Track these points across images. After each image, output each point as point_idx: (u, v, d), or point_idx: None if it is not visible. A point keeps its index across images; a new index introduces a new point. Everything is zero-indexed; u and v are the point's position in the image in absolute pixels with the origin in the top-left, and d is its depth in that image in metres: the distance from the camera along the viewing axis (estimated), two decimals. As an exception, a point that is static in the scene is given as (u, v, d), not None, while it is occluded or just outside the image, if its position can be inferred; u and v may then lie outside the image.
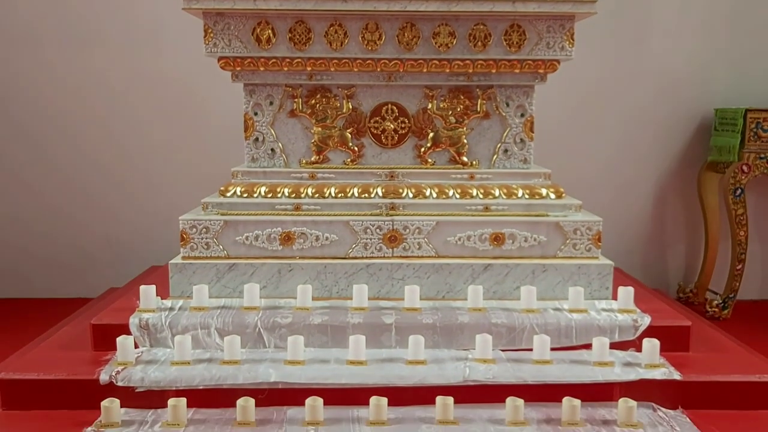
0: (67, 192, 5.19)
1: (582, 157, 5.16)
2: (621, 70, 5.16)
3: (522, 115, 3.69)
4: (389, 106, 3.68)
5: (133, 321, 3.16)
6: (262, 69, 3.56)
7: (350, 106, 3.66)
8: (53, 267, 5.26)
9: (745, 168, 4.74)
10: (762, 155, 4.74)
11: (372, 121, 3.69)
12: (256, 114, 3.69)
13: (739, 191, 4.78)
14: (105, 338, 3.12)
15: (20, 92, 5.09)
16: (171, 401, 2.74)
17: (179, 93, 5.06)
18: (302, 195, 3.55)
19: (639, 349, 3.11)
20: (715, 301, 4.91)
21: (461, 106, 3.66)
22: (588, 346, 3.12)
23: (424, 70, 3.55)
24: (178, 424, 2.72)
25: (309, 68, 3.56)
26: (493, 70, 3.56)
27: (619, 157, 5.26)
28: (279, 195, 3.56)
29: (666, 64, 5.16)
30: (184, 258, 3.45)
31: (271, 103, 3.68)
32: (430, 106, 3.66)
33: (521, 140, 3.72)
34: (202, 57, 3.58)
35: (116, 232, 5.26)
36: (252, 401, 2.76)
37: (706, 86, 5.18)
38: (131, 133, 5.14)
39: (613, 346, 3.13)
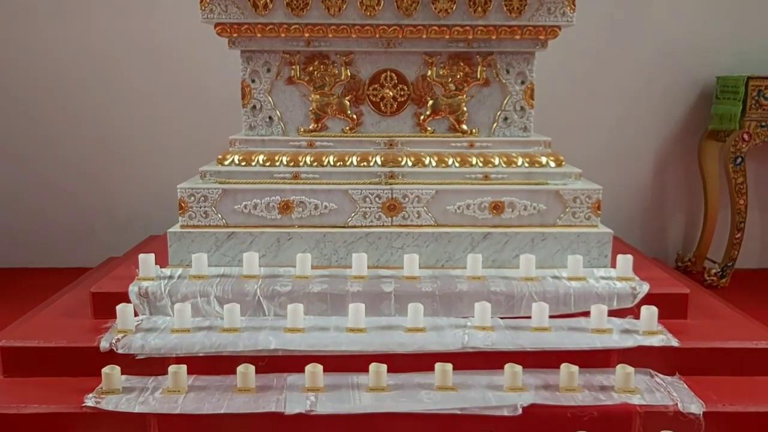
0: (64, 162, 5.17)
1: (582, 126, 5.13)
2: (622, 38, 5.11)
3: (522, 83, 3.66)
4: (388, 73, 3.64)
5: (133, 289, 3.16)
6: (259, 35, 3.51)
7: (349, 73, 3.62)
8: (52, 237, 5.26)
9: (745, 136, 4.72)
10: (763, 123, 4.71)
11: (371, 88, 3.65)
12: (253, 81, 3.65)
13: (739, 160, 4.76)
14: (105, 306, 3.12)
15: (14, 64, 5.04)
16: (171, 368, 2.75)
17: (176, 61, 5.01)
18: (301, 163, 3.53)
19: (637, 316, 3.12)
20: (714, 270, 4.92)
21: (461, 73, 3.62)
22: (586, 314, 3.13)
23: (424, 37, 3.50)
24: (179, 390, 2.74)
25: (307, 34, 3.51)
26: (494, 37, 3.52)
27: (619, 125, 5.22)
28: (277, 163, 3.53)
29: (667, 31, 5.11)
30: (182, 227, 3.44)
31: (269, 70, 3.64)
32: (429, 73, 3.62)
33: (521, 108, 3.69)
34: (199, 24, 3.53)
35: (115, 201, 5.25)
36: (252, 368, 2.77)
37: (707, 54, 5.13)
38: (127, 103, 5.10)
39: (612, 313, 3.14)
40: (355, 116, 3.67)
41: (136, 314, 3.11)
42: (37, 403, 2.66)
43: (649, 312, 3.02)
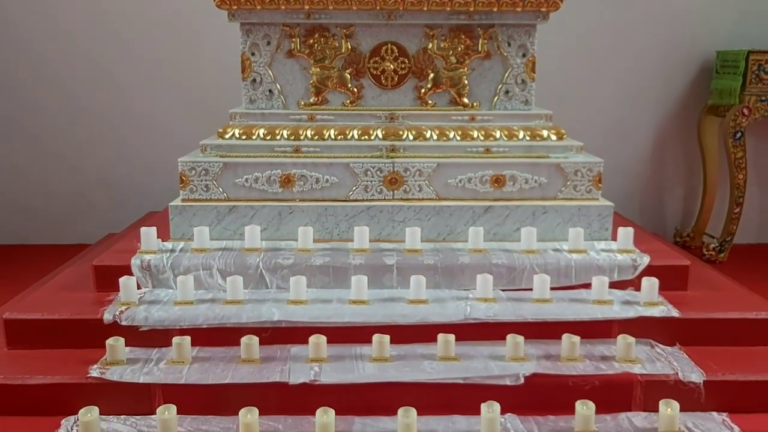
0: (63, 137, 5.14)
1: (582, 101, 5.12)
2: (622, 12, 5.08)
3: (524, 55, 3.64)
4: (389, 45, 3.62)
5: (135, 262, 3.16)
6: (258, 7, 3.48)
7: (349, 46, 3.60)
8: (51, 213, 5.25)
9: (745, 111, 4.72)
10: (763, 98, 4.71)
11: (371, 61, 3.63)
12: (253, 54, 3.63)
13: (739, 134, 4.77)
14: (107, 279, 3.13)
15: (11, 35, 4.98)
16: (175, 339, 2.76)
17: (176, 35, 4.97)
18: (301, 137, 3.52)
19: (638, 288, 3.14)
20: (712, 245, 4.95)
21: (462, 46, 3.60)
22: (587, 286, 3.14)
23: (425, 9, 3.48)
24: (183, 361, 2.75)
25: (306, 6, 3.48)
26: (495, 9, 3.49)
27: (619, 100, 5.22)
28: (278, 137, 3.53)
29: (668, 6, 5.08)
30: (183, 200, 3.43)
31: (269, 43, 3.61)
32: (430, 45, 3.60)
33: (522, 81, 3.67)
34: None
35: (114, 177, 5.24)
36: (256, 339, 2.78)
37: (707, 28, 5.12)
38: (127, 78, 5.06)
39: (613, 285, 3.16)
40: (355, 89, 3.65)
41: (138, 287, 3.11)
42: (42, 374, 2.68)
43: (650, 283, 3.04)
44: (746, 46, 4.87)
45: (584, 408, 2.53)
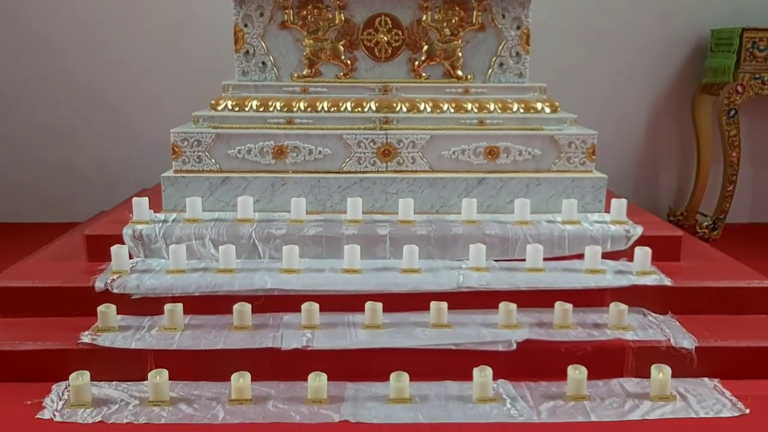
0: (55, 114, 5.10)
1: (575, 79, 5.09)
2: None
3: (518, 27, 3.63)
4: (383, 17, 3.59)
5: (127, 232, 3.15)
6: (251, -23, 3.46)
7: (343, 18, 3.57)
8: (42, 192, 5.22)
9: (739, 89, 4.71)
10: (757, 75, 4.70)
11: (365, 33, 3.61)
12: (246, 26, 3.60)
13: (732, 112, 4.76)
14: (99, 249, 3.11)
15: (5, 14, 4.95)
16: (167, 306, 2.75)
17: (165, 15, 4.92)
18: (294, 109, 3.50)
19: (631, 259, 3.14)
20: (705, 223, 4.95)
21: (456, 18, 3.58)
22: (580, 257, 3.14)
23: (419, -21, 3.47)
24: (175, 328, 2.74)
25: (300, -23, 3.46)
26: (489, -20, 3.48)
27: (612, 79, 5.19)
28: (271, 109, 3.51)
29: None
30: (176, 171, 3.42)
31: (262, 14, 3.59)
32: (424, 17, 3.58)
33: (517, 53, 3.66)
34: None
35: (106, 155, 5.19)
36: (248, 306, 2.78)
37: (702, 6, 5.09)
38: (115, 58, 5.02)
39: (605, 255, 3.17)
40: (349, 62, 3.63)
41: (130, 257, 3.10)
42: (32, 340, 2.66)
43: (643, 252, 3.04)
44: (741, 24, 4.85)
45: (576, 372, 2.54)
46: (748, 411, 2.47)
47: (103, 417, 2.40)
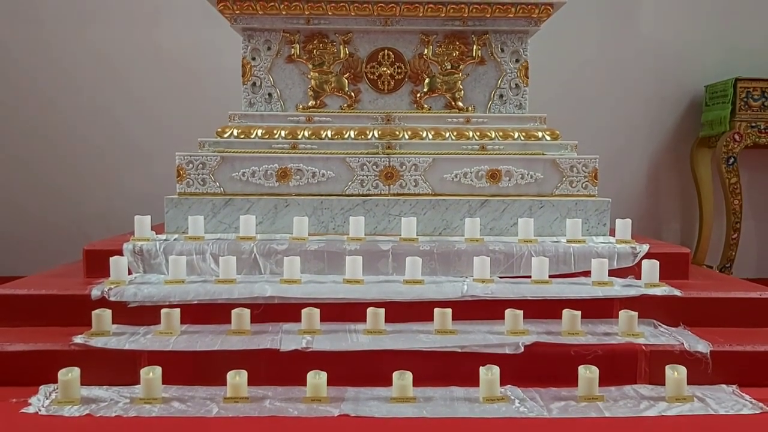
0: (61, 168, 5.16)
1: (573, 136, 5.16)
2: (610, 49, 5.24)
3: (517, 61, 3.74)
4: (386, 51, 3.72)
5: (128, 247, 3.11)
6: (260, 12, 3.61)
7: (347, 52, 3.70)
8: (45, 244, 5.19)
9: (737, 137, 4.78)
10: (753, 124, 4.79)
11: (368, 66, 3.73)
12: (253, 59, 3.72)
13: (731, 160, 4.81)
14: (97, 264, 3.06)
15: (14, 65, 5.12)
16: (164, 311, 2.68)
17: (174, 64, 5.08)
18: (299, 136, 3.56)
19: (638, 277, 3.08)
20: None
21: (457, 52, 3.70)
22: (587, 274, 3.08)
23: (420, 14, 3.61)
24: (171, 332, 2.66)
25: (307, 12, 3.61)
26: (488, 15, 3.62)
27: (611, 135, 5.27)
28: (276, 136, 3.57)
29: (655, 41, 5.25)
30: (179, 194, 3.42)
31: (269, 48, 3.72)
32: (426, 51, 3.70)
33: (516, 85, 3.75)
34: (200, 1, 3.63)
35: (110, 208, 5.20)
36: (247, 311, 2.70)
37: (695, 63, 5.26)
38: (119, 113, 5.15)
39: (612, 273, 3.10)
40: (353, 93, 3.72)
41: (129, 273, 3.05)
42: (23, 342, 2.58)
43: (651, 265, 2.98)
44: (733, 75, 4.98)
45: (587, 372, 2.43)
46: (770, 409, 2.34)
47: (91, 411, 2.28)
